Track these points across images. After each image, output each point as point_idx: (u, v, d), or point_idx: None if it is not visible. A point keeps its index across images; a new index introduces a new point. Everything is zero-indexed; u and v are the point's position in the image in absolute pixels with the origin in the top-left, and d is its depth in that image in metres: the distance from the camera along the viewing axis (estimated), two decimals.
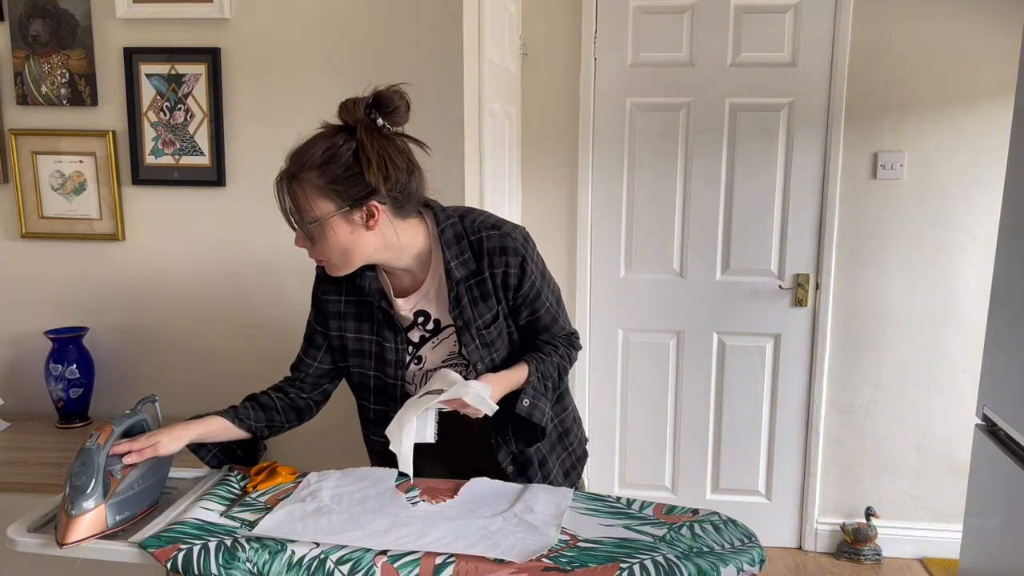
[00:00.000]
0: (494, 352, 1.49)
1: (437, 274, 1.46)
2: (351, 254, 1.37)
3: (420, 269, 1.46)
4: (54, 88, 2.14)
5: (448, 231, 1.44)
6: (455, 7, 2.02)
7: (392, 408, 1.47)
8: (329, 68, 2.08)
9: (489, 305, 1.46)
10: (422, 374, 1.52)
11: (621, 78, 2.84)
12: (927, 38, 2.70)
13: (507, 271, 1.44)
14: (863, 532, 2.92)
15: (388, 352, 1.49)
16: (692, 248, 2.91)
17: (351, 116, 1.34)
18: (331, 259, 1.38)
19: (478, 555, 1.15)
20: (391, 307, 1.47)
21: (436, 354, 1.50)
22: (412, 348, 1.50)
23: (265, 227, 2.16)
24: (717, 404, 3.00)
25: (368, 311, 1.50)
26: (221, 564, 1.16)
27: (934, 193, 2.79)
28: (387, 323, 1.48)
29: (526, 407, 1.44)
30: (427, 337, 1.50)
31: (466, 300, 1.45)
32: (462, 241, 1.44)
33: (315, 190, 1.32)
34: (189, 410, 2.27)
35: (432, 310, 1.48)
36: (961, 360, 2.85)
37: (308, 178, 1.32)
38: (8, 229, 2.23)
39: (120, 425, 1.31)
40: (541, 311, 1.51)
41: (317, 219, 1.33)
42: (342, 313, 1.51)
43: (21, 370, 2.28)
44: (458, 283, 1.44)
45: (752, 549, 1.20)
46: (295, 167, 1.34)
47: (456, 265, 1.43)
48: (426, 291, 1.47)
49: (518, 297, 1.48)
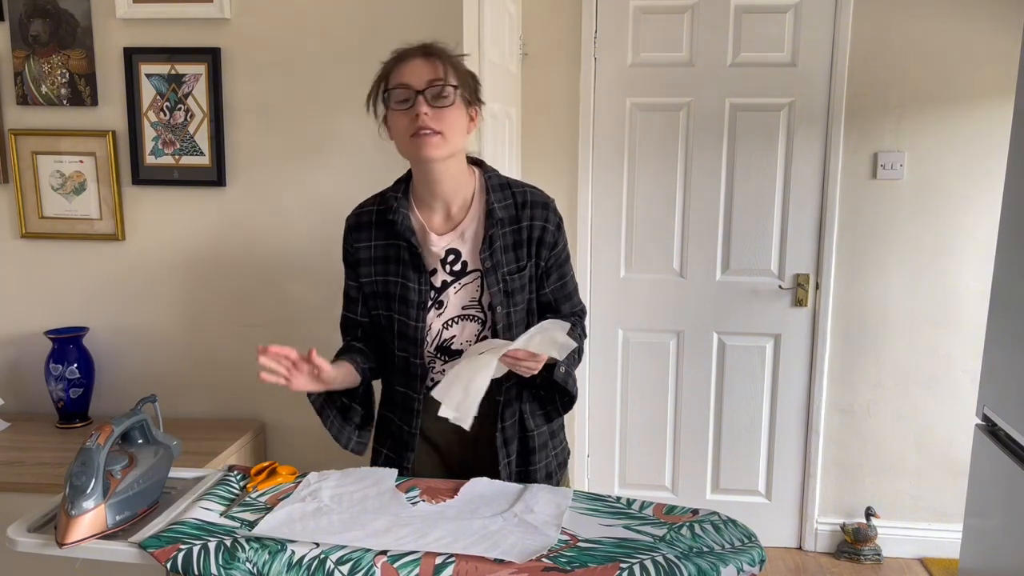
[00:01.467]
0: (513, 304, 1.52)
1: (476, 216, 1.52)
2: (461, 134, 1.46)
3: (460, 210, 1.53)
4: (54, 88, 2.14)
5: (495, 179, 1.55)
6: (455, 7, 2.02)
7: (413, 354, 1.52)
8: (329, 68, 2.08)
9: (519, 255, 1.52)
10: (440, 324, 1.53)
11: (621, 78, 2.84)
12: (927, 38, 2.70)
13: (545, 226, 1.53)
14: (863, 532, 2.92)
15: (411, 293, 1.51)
16: (692, 248, 2.91)
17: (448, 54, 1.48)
18: (450, 130, 1.43)
19: (478, 555, 1.15)
20: (419, 246, 1.51)
21: (458, 298, 1.52)
22: (435, 292, 1.52)
23: (265, 227, 2.16)
24: (717, 404, 3.00)
25: (395, 253, 1.53)
26: (221, 564, 1.16)
27: (934, 193, 2.79)
28: (413, 264, 1.51)
29: (562, 373, 1.48)
30: (450, 281, 1.52)
31: (499, 244, 1.50)
32: (506, 190, 1.54)
33: (453, 67, 1.44)
34: (189, 410, 2.28)
35: (464, 250, 1.52)
36: (961, 360, 2.85)
37: (448, 57, 1.45)
38: (8, 229, 2.23)
39: (120, 425, 1.31)
40: (567, 277, 1.60)
41: (456, 88, 1.43)
42: (371, 258, 1.55)
43: (21, 370, 2.28)
44: (496, 223, 1.49)
45: (752, 549, 1.20)
46: (439, 49, 1.45)
47: (498, 207, 1.51)
48: (462, 231, 1.52)
49: (551, 256, 1.55)
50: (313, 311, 2.18)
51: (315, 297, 2.17)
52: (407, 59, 1.44)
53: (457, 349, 1.54)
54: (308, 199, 2.14)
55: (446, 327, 1.53)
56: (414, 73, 1.42)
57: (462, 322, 1.53)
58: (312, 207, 2.14)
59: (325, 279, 2.16)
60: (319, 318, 2.18)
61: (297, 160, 2.13)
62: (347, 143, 2.10)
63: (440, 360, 1.55)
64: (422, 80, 1.41)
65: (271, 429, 2.26)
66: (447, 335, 1.53)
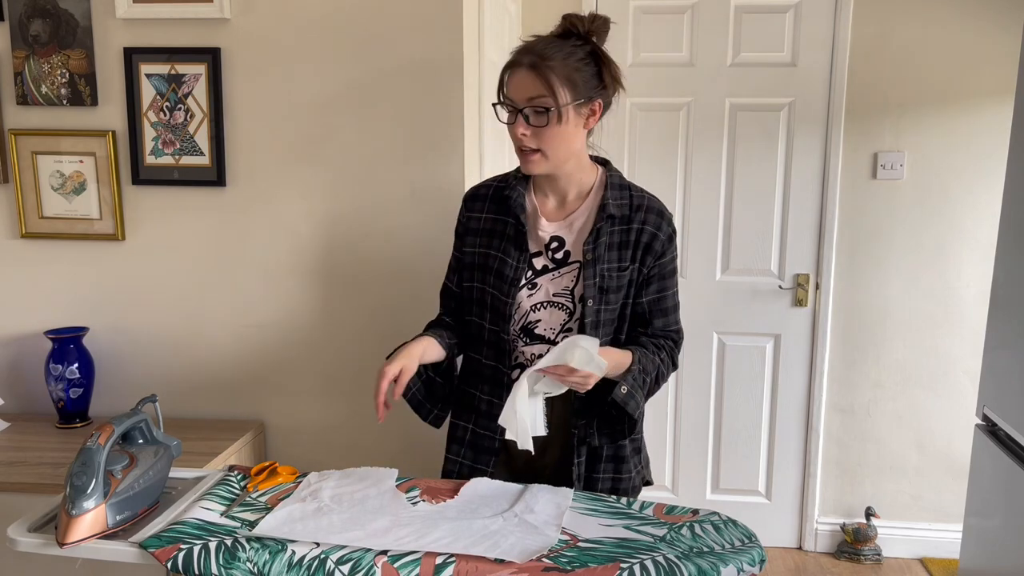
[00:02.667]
0: (606, 303, 1.50)
1: (589, 209, 1.52)
2: (566, 147, 1.45)
3: (576, 200, 1.54)
4: (54, 88, 2.13)
5: (616, 179, 1.55)
6: (455, 7, 2.02)
7: (503, 329, 1.52)
8: (329, 68, 2.08)
9: (623, 255, 1.51)
10: (529, 305, 1.52)
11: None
12: (927, 38, 2.70)
13: (656, 233, 1.51)
14: (863, 532, 2.92)
15: (508, 269, 1.51)
16: (692, 248, 2.91)
17: (583, 25, 1.43)
18: (549, 148, 1.43)
19: (478, 555, 1.15)
20: (526, 225, 1.52)
21: (552, 285, 1.52)
22: (531, 273, 1.52)
23: (265, 227, 2.16)
24: (717, 404, 3.00)
25: (502, 228, 1.55)
26: (221, 564, 1.16)
27: (934, 193, 2.79)
28: (516, 241, 1.52)
29: (623, 394, 1.44)
30: (550, 267, 1.52)
31: (604, 239, 1.50)
32: (624, 190, 1.54)
33: (560, 77, 1.40)
34: (189, 410, 2.29)
35: (569, 240, 1.52)
36: (961, 360, 2.85)
37: (554, 66, 1.39)
38: (8, 229, 2.23)
39: (120, 425, 1.31)
40: (668, 292, 1.56)
41: (559, 104, 1.40)
42: (480, 229, 1.58)
43: (21, 370, 2.28)
44: (606, 219, 1.49)
45: (752, 549, 1.20)
46: (538, 55, 1.40)
47: (612, 204, 1.50)
48: (571, 221, 1.52)
49: (656, 265, 1.53)
50: (313, 311, 2.18)
51: (315, 297, 2.17)
52: (515, 69, 1.42)
53: (540, 334, 1.52)
54: (308, 199, 2.14)
55: (534, 309, 1.52)
56: (518, 88, 1.41)
57: (550, 308, 1.52)
58: (312, 207, 2.14)
59: (325, 279, 2.16)
60: (319, 318, 2.19)
61: (297, 160, 2.13)
62: (347, 143, 2.10)
63: (522, 341, 1.53)
64: (523, 97, 1.41)
65: (271, 429, 2.26)
66: (533, 317, 1.52)
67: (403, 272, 2.12)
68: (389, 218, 2.11)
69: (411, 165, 2.09)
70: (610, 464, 1.57)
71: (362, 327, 2.16)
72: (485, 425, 1.58)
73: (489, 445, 1.58)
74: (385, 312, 2.14)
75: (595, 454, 1.56)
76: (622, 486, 1.58)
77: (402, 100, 2.06)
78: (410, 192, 2.08)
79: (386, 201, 2.11)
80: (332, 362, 2.18)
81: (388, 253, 2.12)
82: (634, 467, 1.61)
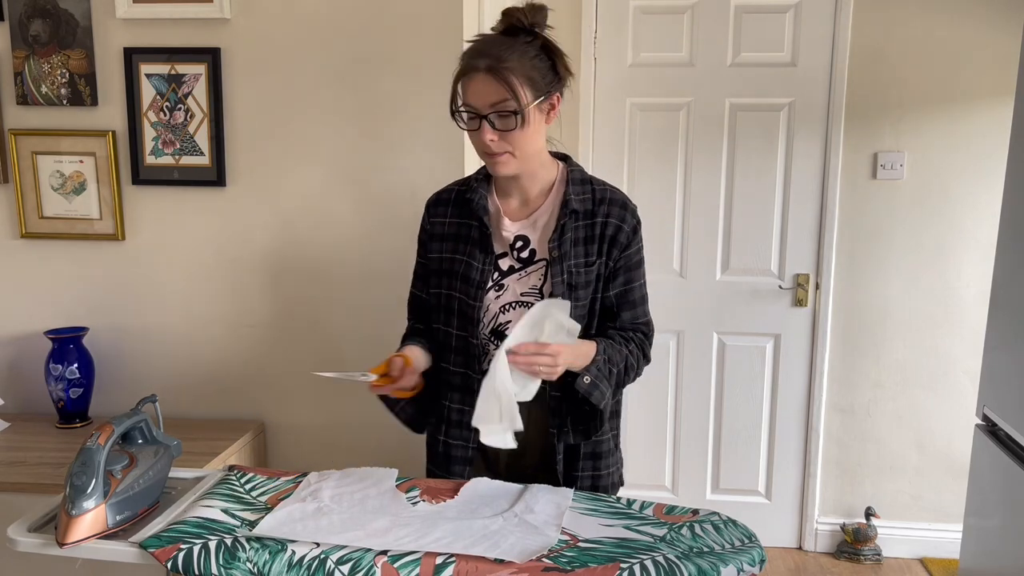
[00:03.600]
0: (575, 298, 1.48)
1: (552, 206, 1.52)
2: (533, 145, 1.44)
3: (539, 197, 1.53)
4: (54, 88, 2.14)
5: (577, 174, 1.54)
6: (455, 7, 2.02)
7: (471, 334, 1.50)
8: (329, 67, 2.08)
9: (588, 250, 1.50)
10: (497, 307, 1.51)
11: (621, 78, 2.84)
12: (927, 38, 2.70)
13: (621, 226, 1.51)
14: (863, 532, 2.92)
15: (473, 272, 1.50)
16: (692, 248, 2.91)
17: (527, 18, 1.42)
18: (519, 148, 1.43)
19: (478, 555, 1.15)
20: (490, 227, 1.51)
21: (519, 285, 1.51)
22: (498, 275, 1.51)
23: (265, 227, 2.16)
24: (717, 404, 3.00)
25: (466, 232, 1.54)
26: (221, 564, 1.16)
27: (934, 193, 2.79)
28: (481, 244, 1.52)
29: (586, 384, 1.42)
30: (516, 268, 1.51)
31: (569, 235, 1.49)
32: (586, 185, 1.53)
33: (520, 78, 1.38)
34: (189, 410, 2.28)
35: (533, 238, 1.51)
36: (961, 360, 2.85)
37: (512, 67, 1.38)
38: (8, 229, 2.23)
39: (120, 425, 1.31)
40: (635, 284, 1.55)
41: (522, 106, 1.38)
42: (444, 235, 1.57)
43: (21, 370, 2.28)
44: (570, 215, 1.48)
45: (752, 549, 1.20)
46: (494, 58, 1.38)
47: (575, 199, 1.49)
48: (535, 219, 1.52)
49: (622, 258, 1.52)
50: (313, 311, 2.18)
51: (315, 297, 2.17)
52: (471, 75, 1.39)
53: None
54: (308, 199, 2.14)
55: (503, 311, 1.51)
56: (479, 93, 1.39)
57: (519, 308, 1.50)
58: (312, 207, 2.14)
59: (326, 279, 2.17)
60: (319, 318, 2.19)
61: (297, 160, 2.13)
62: (347, 143, 2.10)
63: (493, 344, 1.52)
64: (486, 103, 1.39)
65: (271, 429, 2.26)
66: (503, 319, 1.51)
67: (403, 272, 2.11)
68: (389, 218, 2.11)
69: (411, 165, 2.09)
70: (589, 461, 1.57)
71: (362, 327, 2.16)
72: (456, 435, 1.57)
73: (462, 455, 1.57)
74: (385, 312, 2.13)
75: (574, 452, 1.56)
76: (602, 483, 1.58)
77: (402, 100, 2.06)
78: (410, 192, 2.08)
79: (386, 201, 2.11)
80: (332, 362, 2.18)
81: (388, 253, 2.12)
82: (613, 464, 1.61)
